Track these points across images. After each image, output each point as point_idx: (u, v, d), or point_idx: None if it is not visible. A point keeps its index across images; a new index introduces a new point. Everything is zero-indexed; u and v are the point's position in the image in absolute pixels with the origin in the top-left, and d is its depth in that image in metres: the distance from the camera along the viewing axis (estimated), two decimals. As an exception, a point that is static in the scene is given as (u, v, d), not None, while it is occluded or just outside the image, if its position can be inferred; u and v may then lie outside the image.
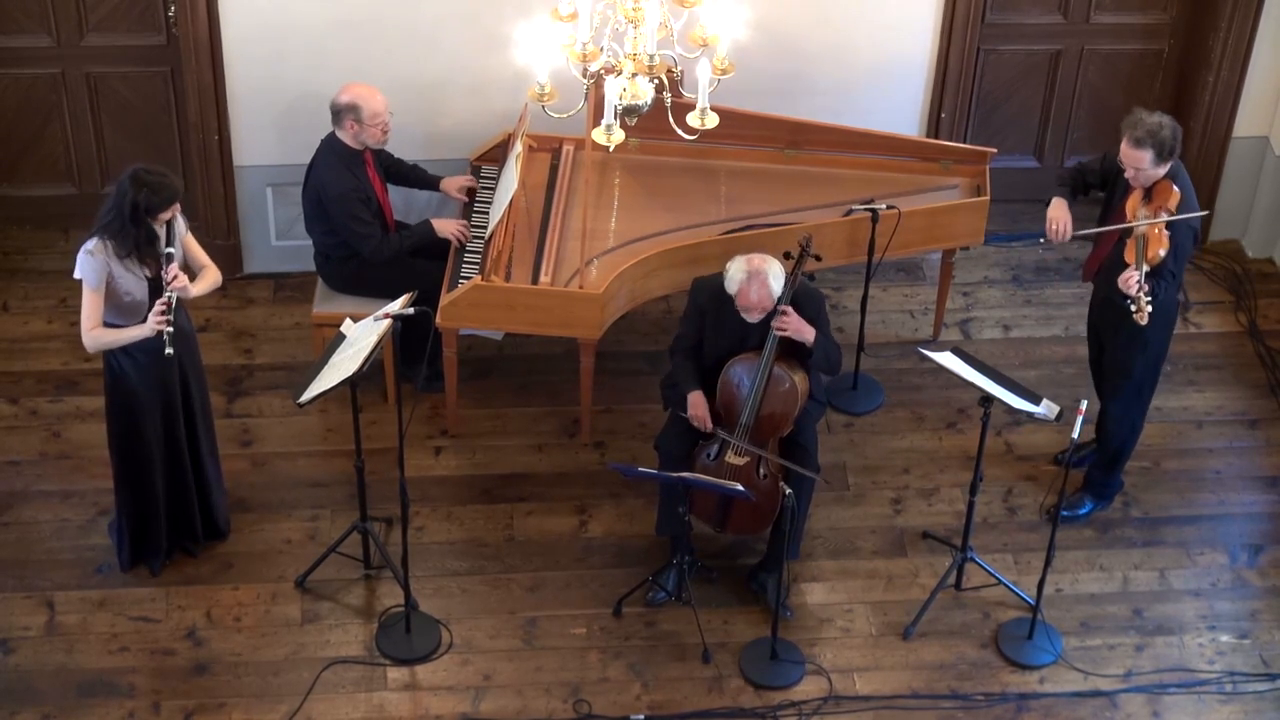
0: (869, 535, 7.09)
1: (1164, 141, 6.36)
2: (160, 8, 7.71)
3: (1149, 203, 6.46)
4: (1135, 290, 6.25)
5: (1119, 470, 7.12)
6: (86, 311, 6.18)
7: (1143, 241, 6.35)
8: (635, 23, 5.75)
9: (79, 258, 6.14)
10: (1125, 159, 6.45)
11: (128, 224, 6.08)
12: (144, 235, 6.13)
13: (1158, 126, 6.35)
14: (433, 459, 7.36)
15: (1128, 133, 6.40)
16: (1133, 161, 6.42)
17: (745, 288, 6.41)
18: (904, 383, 7.75)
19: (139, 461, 6.52)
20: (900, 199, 7.40)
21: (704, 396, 6.61)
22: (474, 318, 7.10)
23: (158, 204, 6.10)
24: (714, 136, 6.57)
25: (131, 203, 6.05)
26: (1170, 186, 6.44)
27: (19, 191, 8.20)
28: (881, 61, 7.84)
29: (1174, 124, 6.41)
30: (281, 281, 8.14)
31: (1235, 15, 7.87)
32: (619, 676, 6.54)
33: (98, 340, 6.23)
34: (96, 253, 6.13)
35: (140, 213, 6.07)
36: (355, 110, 7.00)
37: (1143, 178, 6.46)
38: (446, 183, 7.50)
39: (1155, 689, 6.54)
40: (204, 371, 6.68)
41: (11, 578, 6.78)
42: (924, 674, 6.59)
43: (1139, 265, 6.30)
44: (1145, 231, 6.38)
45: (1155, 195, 6.46)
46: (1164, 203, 6.41)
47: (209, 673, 6.49)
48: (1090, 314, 7.08)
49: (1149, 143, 6.35)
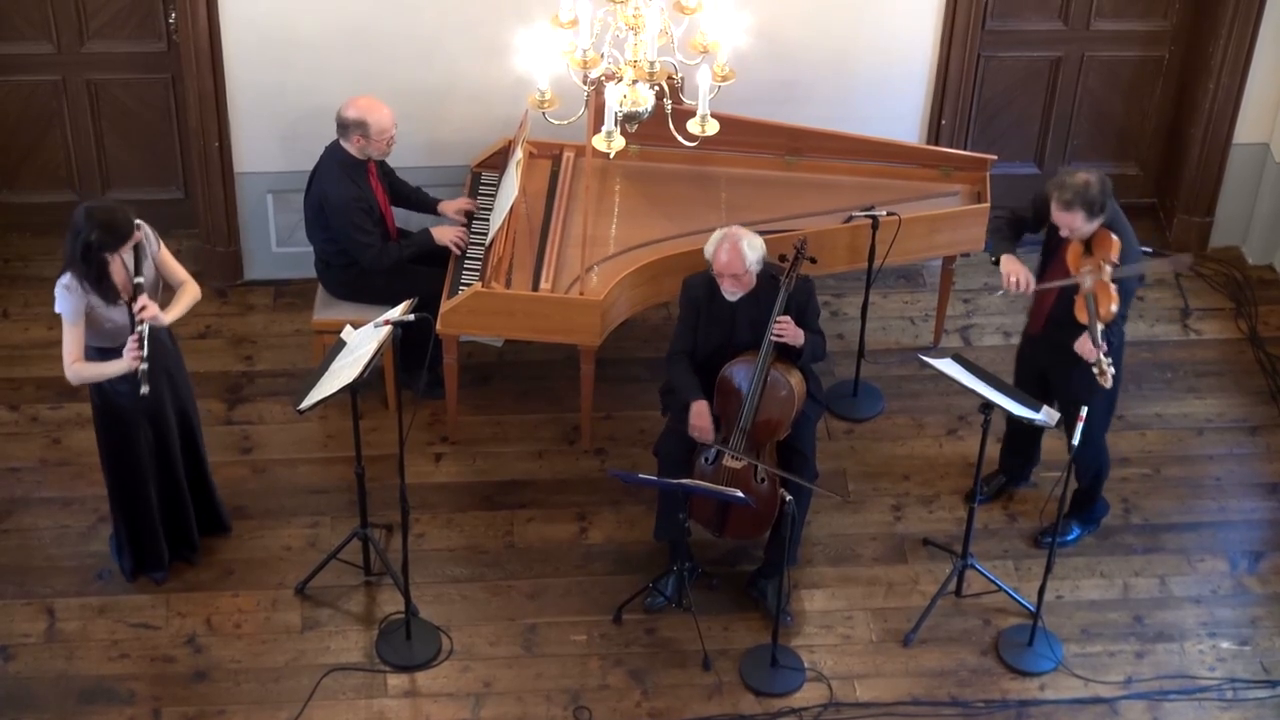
0: (869, 542, 7.09)
1: (1093, 201, 6.27)
2: (161, 14, 7.71)
3: (1090, 255, 6.36)
4: (1096, 356, 6.23)
5: (1099, 492, 7.07)
6: (67, 346, 6.14)
7: (1093, 299, 6.28)
8: (636, 29, 5.75)
9: (56, 292, 6.10)
10: (1057, 220, 6.36)
11: (78, 262, 6.01)
12: (95, 273, 6.03)
13: (1084, 186, 6.26)
14: (433, 465, 7.36)
15: (1055, 194, 6.32)
16: (1065, 223, 6.35)
17: (718, 249, 6.50)
18: (904, 389, 7.75)
19: (132, 477, 6.51)
20: (901, 206, 7.40)
21: (708, 406, 6.61)
22: (474, 324, 7.10)
23: (112, 242, 6.02)
24: (714, 143, 6.57)
25: (84, 244, 5.98)
26: (1109, 236, 6.35)
27: (19, 198, 8.21)
28: (882, 68, 7.85)
29: (1101, 179, 6.32)
30: (282, 288, 8.14)
31: (1235, 22, 7.88)
32: (619, 683, 6.54)
33: (79, 374, 6.20)
34: (72, 288, 6.08)
35: (92, 252, 5.99)
36: (363, 126, 7.01)
37: (1077, 234, 6.38)
38: (444, 205, 7.49)
39: (1156, 696, 6.54)
40: (189, 382, 6.63)
41: (11, 584, 6.78)
42: (924, 681, 6.58)
43: (1092, 325, 6.25)
44: (1092, 288, 6.30)
45: (1096, 247, 6.36)
46: (1106, 254, 6.32)
47: (209, 679, 6.49)
48: (1035, 358, 6.83)
49: (1078, 204, 6.28)
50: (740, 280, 6.53)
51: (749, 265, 6.49)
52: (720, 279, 6.54)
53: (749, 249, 6.49)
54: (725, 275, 6.52)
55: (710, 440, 6.60)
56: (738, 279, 6.52)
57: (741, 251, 6.47)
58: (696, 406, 6.61)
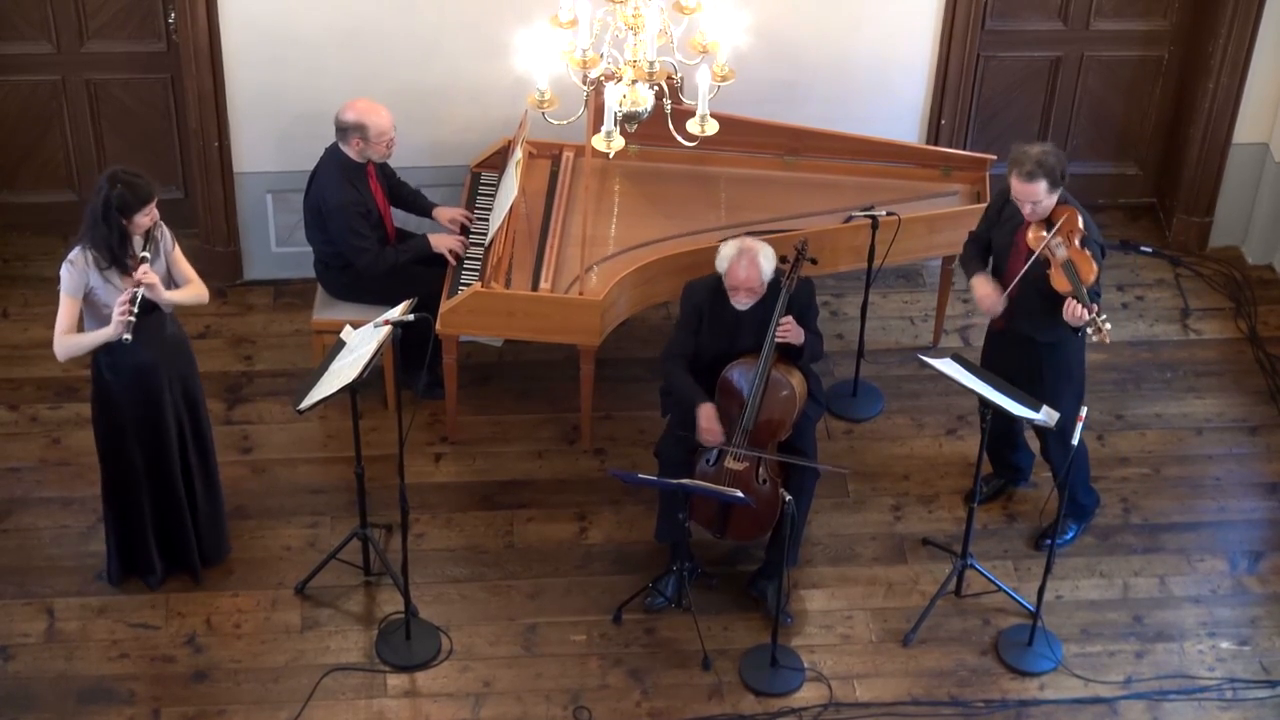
0: (869, 542, 7.09)
1: (1052, 169, 6.27)
2: (160, 14, 7.71)
3: (1054, 230, 6.34)
4: (1088, 315, 6.21)
5: (1085, 486, 7.07)
6: (60, 318, 6.16)
7: (1071, 266, 6.27)
8: (635, 29, 5.75)
9: (62, 268, 6.12)
10: (1019, 195, 6.35)
11: (99, 222, 6.02)
12: (116, 236, 6.04)
13: (1043, 154, 6.27)
14: (433, 465, 7.36)
15: (1015, 170, 6.31)
16: (1028, 196, 6.33)
17: (735, 264, 6.46)
18: (904, 389, 7.75)
19: (125, 480, 6.50)
20: (900, 205, 7.40)
21: (715, 410, 6.60)
22: (474, 324, 7.10)
23: (133, 202, 6.03)
24: (714, 143, 6.56)
25: (104, 199, 6.00)
26: (1070, 209, 6.36)
27: (19, 198, 8.21)
28: (881, 68, 7.85)
29: (1056, 149, 6.32)
30: (281, 288, 8.14)
31: (1235, 22, 7.88)
32: (619, 683, 6.54)
33: (65, 346, 6.19)
34: (77, 263, 6.10)
35: (113, 211, 6.01)
36: (362, 129, 7.00)
37: (1040, 210, 6.37)
38: (439, 212, 7.47)
39: (1155, 696, 6.54)
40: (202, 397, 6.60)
41: (11, 584, 6.78)
42: (924, 681, 6.58)
43: (1078, 291, 6.23)
44: (1066, 256, 6.29)
45: (1059, 221, 6.35)
46: (1072, 226, 6.32)
47: (209, 679, 6.49)
48: (1001, 357, 6.72)
49: (1040, 174, 6.27)
50: (755, 293, 6.52)
51: (764, 278, 6.49)
52: (735, 292, 6.52)
53: (765, 261, 6.47)
54: (742, 289, 6.50)
55: (721, 443, 6.59)
56: (753, 291, 6.51)
57: (760, 266, 6.46)
58: (705, 410, 6.59)
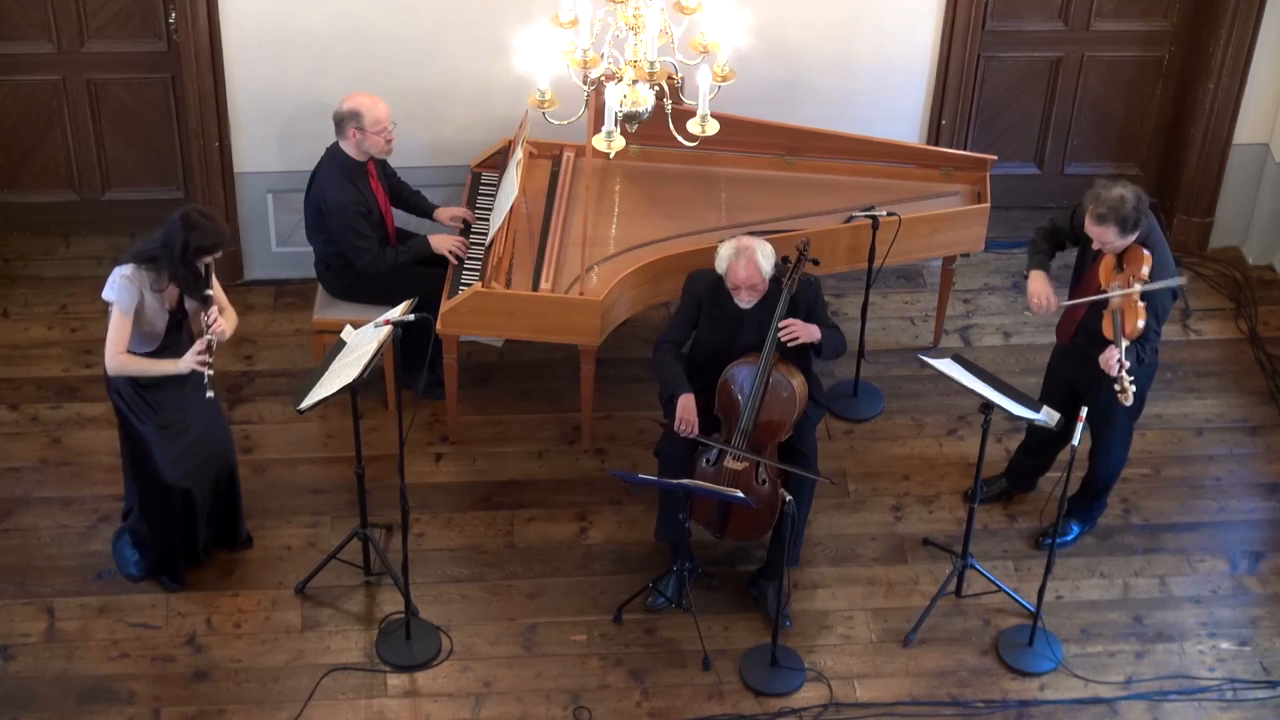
0: (869, 542, 7.09)
1: (1126, 217, 6.22)
2: (161, 14, 7.71)
3: (1121, 270, 6.33)
4: (1116, 371, 6.19)
5: (1105, 497, 7.08)
6: (115, 336, 6.25)
7: (1119, 316, 6.24)
8: (636, 29, 5.75)
9: (114, 281, 6.20)
10: (1090, 233, 6.34)
11: (178, 264, 6.16)
12: (191, 275, 6.22)
13: (1119, 201, 6.21)
14: (433, 465, 7.36)
15: (1090, 207, 6.28)
16: (1098, 237, 6.32)
17: (734, 264, 6.47)
18: (904, 389, 7.75)
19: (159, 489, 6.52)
20: (901, 206, 7.40)
21: (694, 400, 6.60)
22: (474, 324, 7.10)
23: (207, 248, 6.20)
24: (714, 143, 6.57)
25: (183, 243, 6.13)
26: (1141, 252, 6.30)
27: (20, 198, 8.21)
28: (882, 68, 7.85)
29: (1136, 194, 6.26)
30: (282, 288, 8.14)
31: (1235, 23, 7.88)
32: (619, 683, 6.54)
33: (124, 366, 6.29)
34: (132, 279, 6.20)
35: (191, 253, 6.17)
36: (357, 118, 7.00)
37: (1110, 248, 6.35)
38: (440, 212, 7.47)
39: (1156, 696, 6.54)
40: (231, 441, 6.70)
41: (12, 584, 6.78)
42: (924, 681, 6.58)
43: (1117, 341, 6.21)
44: (1120, 304, 6.26)
45: (1128, 262, 6.32)
46: (1136, 270, 6.28)
47: (209, 679, 6.49)
48: (1062, 369, 6.82)
49: (1111, 219, 6.23)
50: (758, 290, 6.52)
51: (765, 275, 6.49)
52: (738, 291, 6.52)
53: (763, 259, 6.47)
54: (744, 288, 6.51)
55: (696, 434, 6.58)
56: (755, 289, 6.52)
57: (758, 264, 6.46)
58: (684, 400, 6.59)
